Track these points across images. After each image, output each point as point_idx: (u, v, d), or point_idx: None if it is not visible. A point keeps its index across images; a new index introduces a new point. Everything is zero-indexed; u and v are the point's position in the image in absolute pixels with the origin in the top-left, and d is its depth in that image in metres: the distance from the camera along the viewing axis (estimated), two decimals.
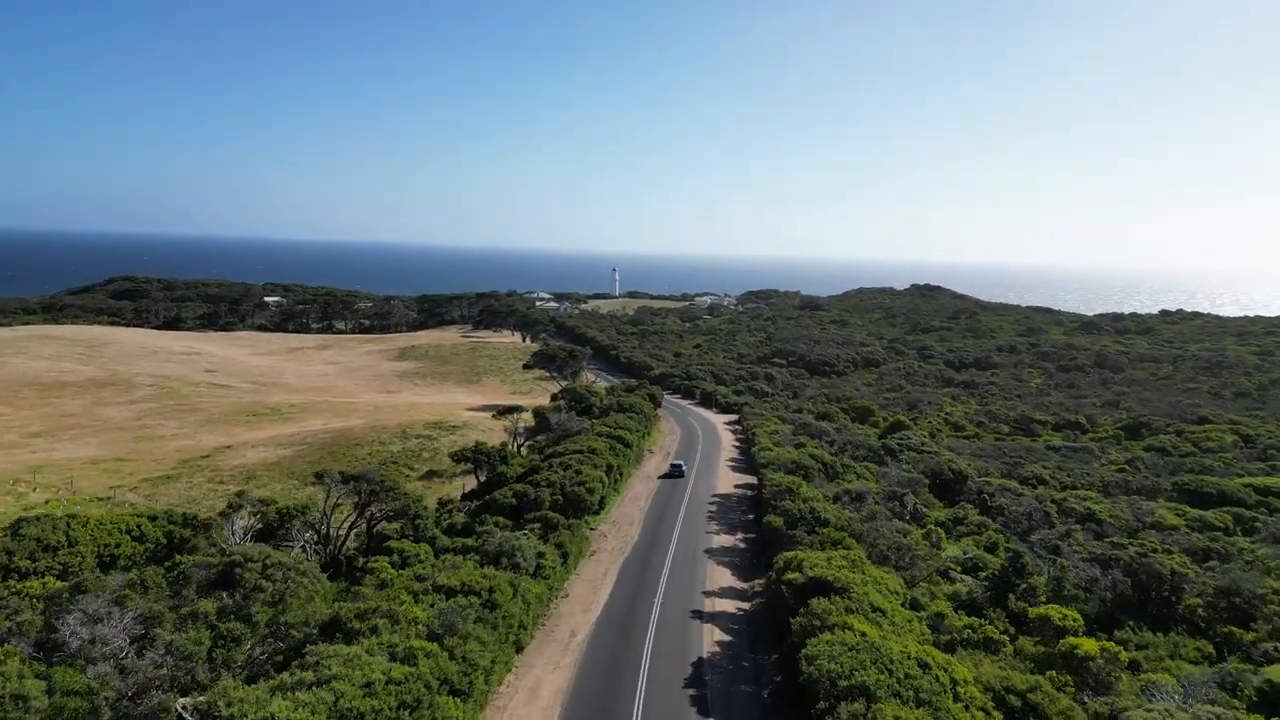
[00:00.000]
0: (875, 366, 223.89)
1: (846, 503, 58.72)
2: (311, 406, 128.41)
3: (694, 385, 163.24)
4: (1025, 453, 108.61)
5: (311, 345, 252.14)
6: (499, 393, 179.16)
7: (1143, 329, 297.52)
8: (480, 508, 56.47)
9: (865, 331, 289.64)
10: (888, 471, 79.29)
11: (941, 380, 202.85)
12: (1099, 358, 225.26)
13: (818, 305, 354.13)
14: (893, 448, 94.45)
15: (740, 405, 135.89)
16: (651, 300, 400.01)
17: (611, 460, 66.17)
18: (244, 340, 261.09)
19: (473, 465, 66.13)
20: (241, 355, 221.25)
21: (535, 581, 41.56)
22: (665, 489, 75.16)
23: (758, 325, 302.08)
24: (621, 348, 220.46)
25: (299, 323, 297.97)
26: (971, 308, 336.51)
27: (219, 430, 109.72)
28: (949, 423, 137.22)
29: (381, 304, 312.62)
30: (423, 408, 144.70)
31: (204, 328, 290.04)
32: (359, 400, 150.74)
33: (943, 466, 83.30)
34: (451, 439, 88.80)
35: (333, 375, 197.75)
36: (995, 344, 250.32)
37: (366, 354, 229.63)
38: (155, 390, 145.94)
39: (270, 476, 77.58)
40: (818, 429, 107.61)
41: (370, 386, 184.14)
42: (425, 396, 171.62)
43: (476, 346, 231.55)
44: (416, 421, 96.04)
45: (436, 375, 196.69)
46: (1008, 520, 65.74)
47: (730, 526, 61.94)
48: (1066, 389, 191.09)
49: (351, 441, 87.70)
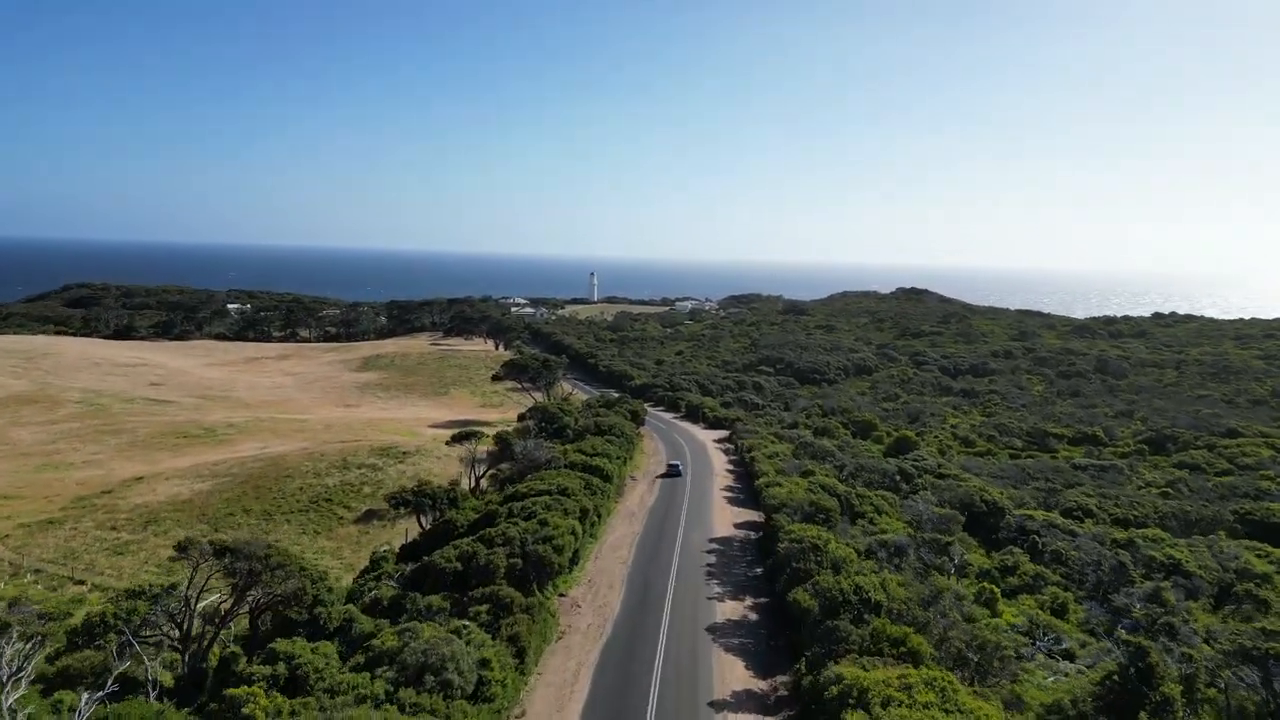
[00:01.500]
0: (867, 374, 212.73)
1: (883, 558, 46.54)
2: (252, 426, 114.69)
3: (678, 397, 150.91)
4: (1052, 473, 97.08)
5: (271, 355, 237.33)
6: (468, 406, 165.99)
7: (1137, 332, 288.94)
8: (417, 572, 43.66)
9: (853, 337, 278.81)
10: (913, 505, 67.27)
11: (938, 388, 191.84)
12: (1099, 363, 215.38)
13: (802, 310, 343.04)
14: (909, 472, 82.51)
15: (731, 420, 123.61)
16: (631, 305, 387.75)
17: (587, 502, 53.56)
18: (199, 350, 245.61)
19: (414, 510, 53.31)
20: (193, 366, 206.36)
21: (475, 710, 28.88)
22: (653, 529, 62.68)
23: (741, 331, 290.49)
24: (600, 356, 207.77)
25: (260, 331, 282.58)
26: (961, 311, 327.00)
27: (139, 456, 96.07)
28: (957, 437, 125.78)
29: (348, 311, 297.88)
30: (381, 425, 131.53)
31: (158, 336, 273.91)
32: (311, 416, 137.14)
33: (973, 497, 71.41)
34: (400, 469, 75.87)
35: (289, 388, 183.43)
36: (990, 349, 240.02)
37: (328, 364, 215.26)
38: (82, 408, 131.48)
39: (175, 520, 64.26)
40: (820, 449, 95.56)
41: (328, 400, 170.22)
42: (387, 411, 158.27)
43: (446, 355, 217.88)
44: (363, 446, 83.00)
45: (401, 387, 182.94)
46: (1070, 571, 53.86)
47: (736, 588, 49.43)
48: (1070, 397, 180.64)
49: (282, 472, 74.50)
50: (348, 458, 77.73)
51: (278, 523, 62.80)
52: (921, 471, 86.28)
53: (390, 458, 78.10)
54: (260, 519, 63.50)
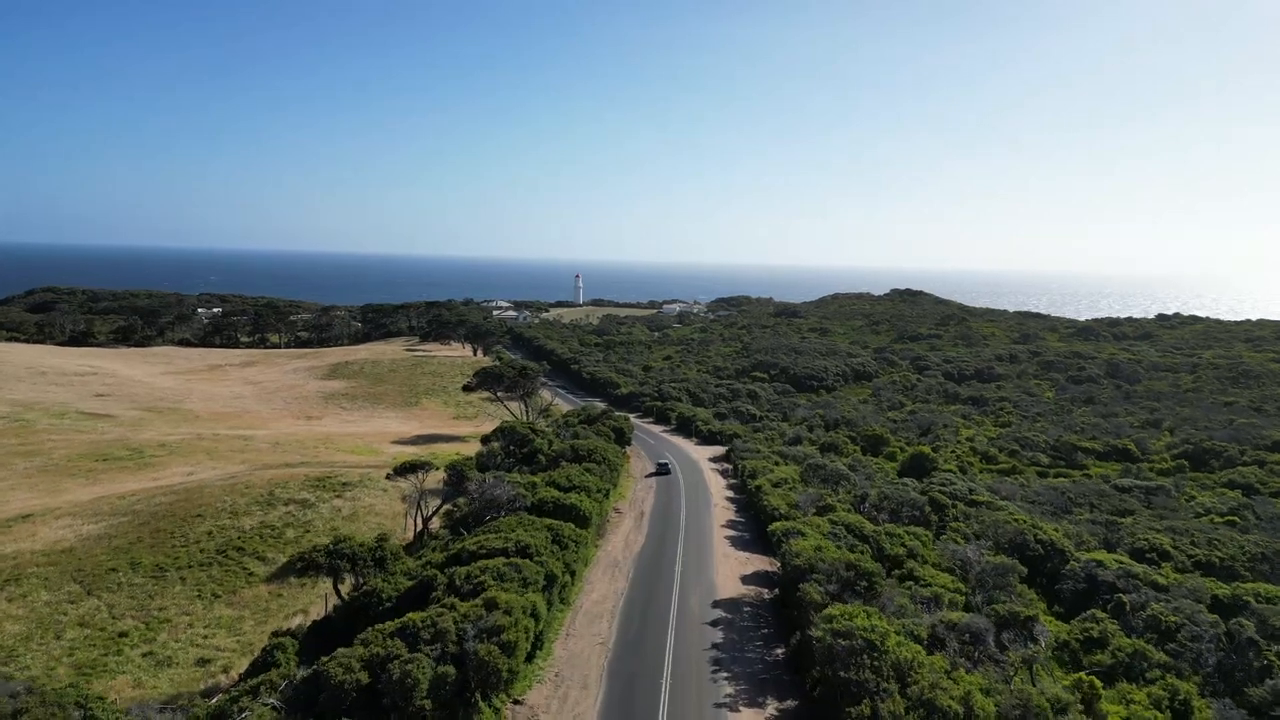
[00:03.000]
0: (867, 380, 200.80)
1: (954, 650, 34.14)
2: (187, 446, 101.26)
3: (668, 408, 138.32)
4: (1096, 498, 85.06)
5: (235, 362, 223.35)
6: (439, 418, 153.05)
7: (1142, 334, 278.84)
8: (310, 684, 30.88)
9: (848, 340, 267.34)
10: (956, 549, 54.90)
11: (943, 395, 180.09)
12: (1111, 367, 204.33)
13: (795, 312, 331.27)
14: (940, 501, 70.17)
15: (727, 435, 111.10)
16: (617, 308, 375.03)
17: (555, 564, 40.91)
18: (160, 357, 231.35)
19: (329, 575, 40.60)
20: (148, 374, 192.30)
21: None
22: (641, 586, 50.16)
23: (732, 334, 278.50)
24: (584, 362, 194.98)
25: (227, 336, 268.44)
26: (958, 313, 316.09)
27: (44, 485, 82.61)
28: (976, 452, 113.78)
29: (320, 315, 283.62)
30: (339, 442, 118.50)
31: (118, 343, 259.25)
32: (261, 432, 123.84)
33: (1024, 536, 59.18)
34: (336, 506, 62.93)
35: (248, 398, 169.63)
36: (993, 352, 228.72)
37: (293, 371, 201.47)
38: (3, 424, 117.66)
39: (43, 578, 51.11)
40: (832, 471, 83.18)
41: (289, 411, 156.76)
42: (351, 424, 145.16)
43: (420, 362, 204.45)
44: (297, 476, 69.97)
45: (369, 397, 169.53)
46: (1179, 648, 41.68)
47: (752, 685, 36.80)
48: (1085, 404, 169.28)
49: (193, 510, 61.45)
50: (275, 490, 64.77)
51: (169, 582, 49.91)
52: (952, 499, 74.02)
53: (327, 490, 65.19)
54: (149, 577, 50.59)
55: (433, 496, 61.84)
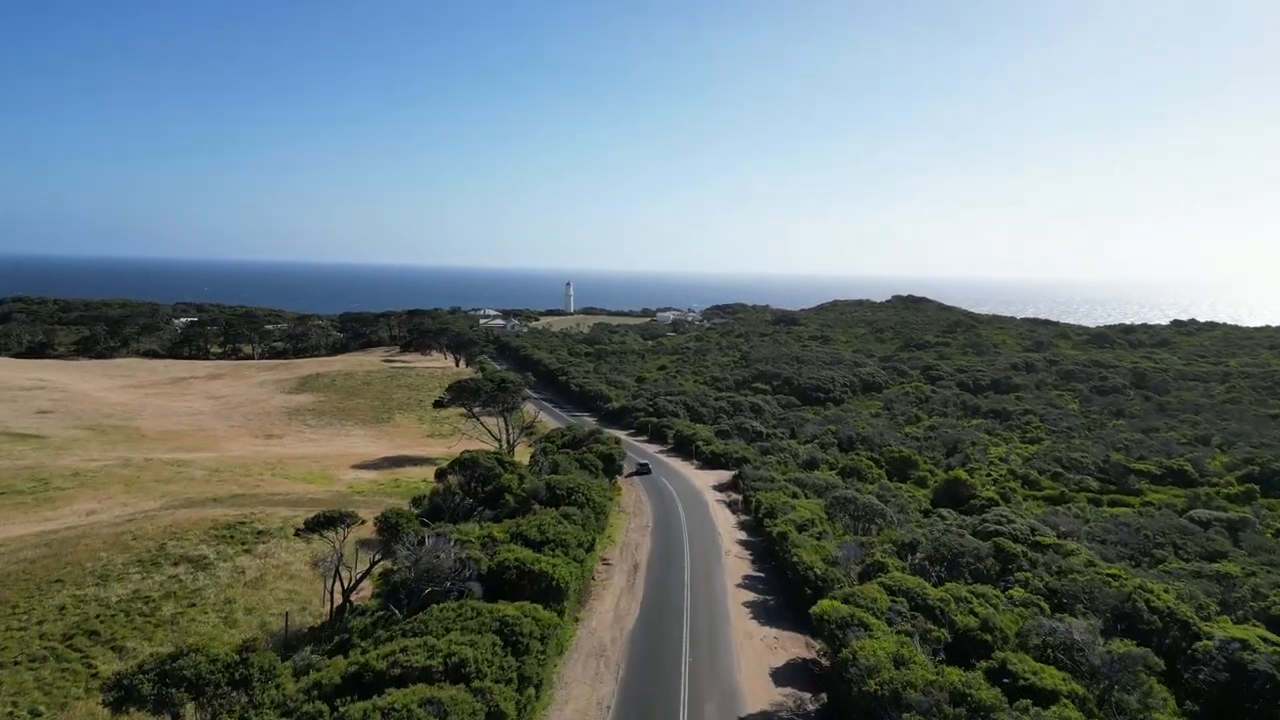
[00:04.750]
0: (877, 391, 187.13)
1: None
2: (105, 476, 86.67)
3: (664, 425, 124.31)
4: (1177, 534, 71.24)
5: (201, 374, 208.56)
6: (411, 436, 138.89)
7: (1158, 341, 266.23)
8: None
9: (852, 348, 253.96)
10: (1057, 629, 41.06)
11: (962, 408, 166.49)
12: (1136, 377, 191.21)
13: (794, 320, 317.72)
14: (1009, 550, 56.10)
15: (734, 458, 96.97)
16: (610, 316, 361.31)
17: (504, 698, 26.78)
18: (121, 369, 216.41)
19: (159, 712, 26.51)
20: (103, 389, 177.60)
21: None
22: (635, 689, 36.10)
23: (730, 343, 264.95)
24: (573, 373, 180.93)
25: (196, 347, 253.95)
26: (965, 320, 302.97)
27: None
28: (1015, 475, 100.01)
29: (296, 324, 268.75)
30: (290, 466, 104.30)
31: (79, 354, 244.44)
32: (204, 455, 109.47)
33: (1136, 605, 45.33)
34: (240, 564, 48.77)
35: (206, 414, 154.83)
36: (1008, 361, 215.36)
37: (260, 385, 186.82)
38: None
39: None
40: (864, 507, 69.29)
41: (247, 429, 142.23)
42: (312, 443, 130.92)
43: (397, 374, 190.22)
44: (203, 521, 55.67)
45: (338, 412, 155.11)
46: None
47: None
48: (1114, 417, 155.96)
49: (54, 572, 47.24)
50: (169, 543, 50.53)
51: None
52: (1016, 541, 60.01)
53: (234, 542, 50.94)
54: None
55: (367, 550, 47.85)
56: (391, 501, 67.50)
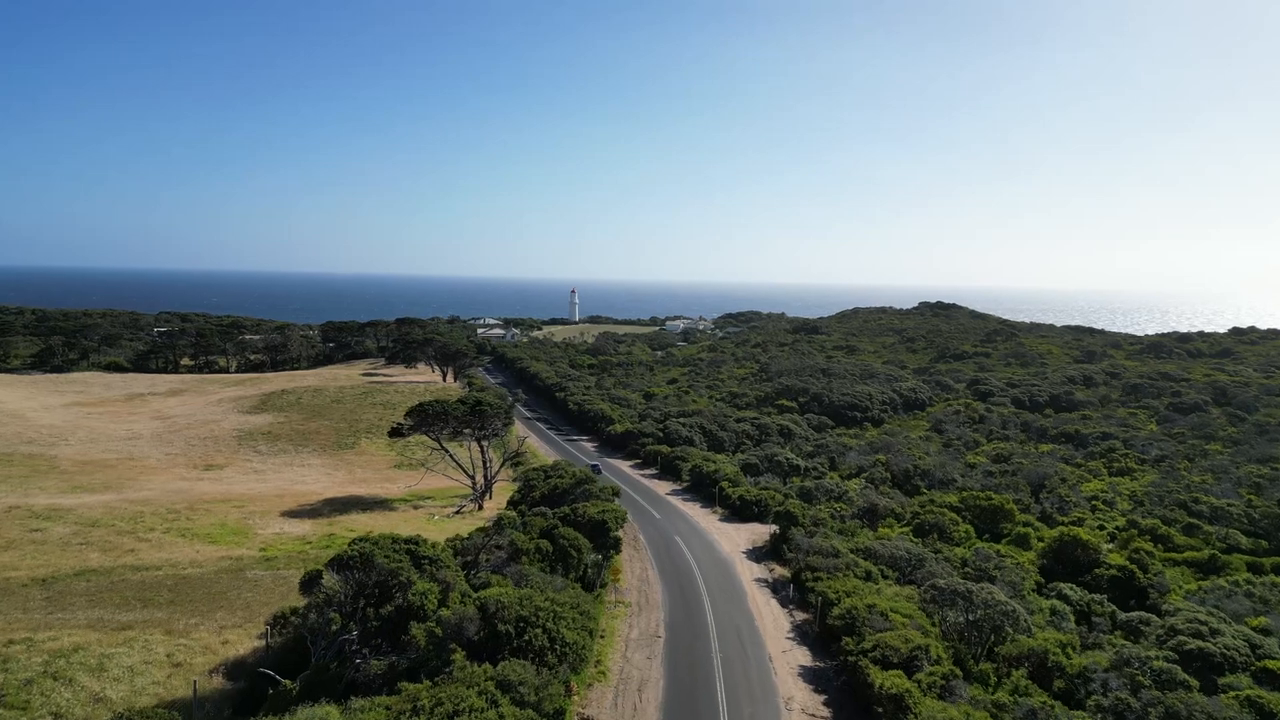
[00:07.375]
0: (920, 409, 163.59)
1: None
2: None
3: (677, 457, 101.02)
4: None
5: (162, 390, 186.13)
6: (374, 465, 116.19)
7: (1220, 351, 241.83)
8: None
9: (881, 360, 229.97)
10: None
11: (1024, 430, 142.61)
12: (1215, 391, 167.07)
13: (815, 328, 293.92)
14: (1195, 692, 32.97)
15: (773, 510, 72.97)
16: (615, 325, 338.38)
17: None
18: (76, 385, 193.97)
19: None
20: (41, 407, 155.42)
21: None
22: None
23: (746, 354, 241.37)
24: (572, 389, 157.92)
25: (165, 359, 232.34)
26: (1003, 328, 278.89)
27: None
28: (1141, 531, 76.23)
29: (273, 334, 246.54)
30: (203, 513, 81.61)
31: (34, 368, 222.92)
32: (106, 497, 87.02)
33: None
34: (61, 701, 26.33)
35: (144, 439, 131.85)
36: (1062, 374, 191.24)
37: (218, 403, 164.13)
38: None
39: None
40: (983, 601, 46.03)
41: (185, 457, 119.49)
42: (254, 475, 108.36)
43: (373, 390, 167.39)
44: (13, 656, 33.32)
45: (296, 436, 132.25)
46: None
47: None
48: (1202, 439, 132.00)
49: None
50: None
51: None
52: (1219, 670, 36.78)
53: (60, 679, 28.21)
54: None
55: None
56: (292, 576, 44.83)
